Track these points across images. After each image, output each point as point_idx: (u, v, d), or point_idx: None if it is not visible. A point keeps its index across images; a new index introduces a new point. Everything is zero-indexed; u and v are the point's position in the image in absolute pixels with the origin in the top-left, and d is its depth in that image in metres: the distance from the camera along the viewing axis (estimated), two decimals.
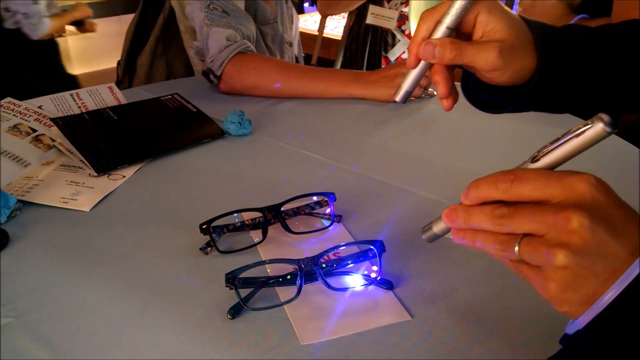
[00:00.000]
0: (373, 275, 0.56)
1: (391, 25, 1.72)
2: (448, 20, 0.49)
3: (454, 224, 0.41)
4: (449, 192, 0.74)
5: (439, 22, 0.49)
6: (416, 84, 0.53)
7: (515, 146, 0.92)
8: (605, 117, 0.36)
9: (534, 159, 0.39)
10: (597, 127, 0.36)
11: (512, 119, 0.60)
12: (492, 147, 0.91)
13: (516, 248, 0.37)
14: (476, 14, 0.49)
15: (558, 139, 0.38)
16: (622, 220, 0.35)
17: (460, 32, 0.50)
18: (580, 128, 0.37)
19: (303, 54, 1.52)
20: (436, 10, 0.50)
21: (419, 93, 1.08)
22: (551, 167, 0.39)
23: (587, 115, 0.39)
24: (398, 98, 0.54)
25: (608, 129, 0.36)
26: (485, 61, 0.48)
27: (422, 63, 0.51)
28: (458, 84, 0.56)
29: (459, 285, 0.57)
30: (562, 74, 0.51)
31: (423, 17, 0.51)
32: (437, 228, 0.44)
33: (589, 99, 0.54)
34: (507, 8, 0.50)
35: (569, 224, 0.35)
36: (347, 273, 0.57)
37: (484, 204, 0.39)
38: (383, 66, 1.72)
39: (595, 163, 0.50)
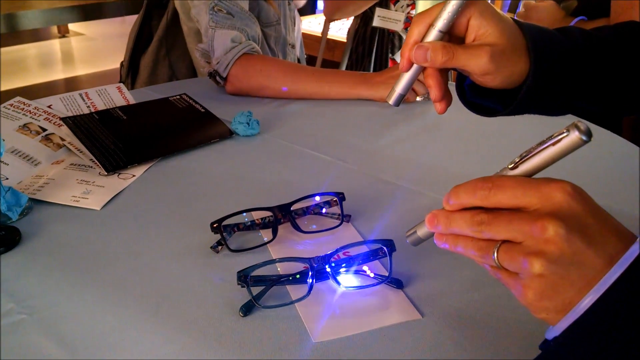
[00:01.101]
0: (383, 274, 0.57)
1: (398, 27, 1.72)
2: (440, 23, 0.49)
3: (435, 229, 0.42)
4: None
5: (431, 26, 0.49)
6: (409, 87, 0.53)
7: (516, 147, 0.92)
8: (582, 125, 0.36)
9: (514, 166, 0.39)
10: (572, 136, 0.36)
11: (522, 121, 0.60)
12: (500, 149, 0.92)
13: (495, 255, 0.38)
14: (468, 17, 0.49)
15: (536, 147, 0.38)
16: (598, 229, 0.36)
17: (453, 36, 0.50)
18: (556, 136, 0.37)
19: (306, 56, 1.52)
20: (428, 14, 0.50)
21: (424, 92, 1.08)
22: (530, 174, 0.39)
23: (585, 117, 0.39)
24: (391, 101, 0.54)
25: (584, 138, 0.36)
26: (476, 65, 0.48)
27: (415, 66, 0.51)
28: (453, 84, 0.56)
29: (470, 285, 0.58)
30: (555, 78, 0.51)
31: (415, 20, 0.51)
32: (421, 232, 0.45)
33: (582, 103, 0.54)
34: (500, 11, 0.50)
35: (545, 233, 0.35)
36: (357, 272, 0.58)
37: (466, 209, 0.40)
38: (390, 67, 1.73)
39: (599, 163, 0.50)
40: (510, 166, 0.39)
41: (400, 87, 0.53)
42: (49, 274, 0.59)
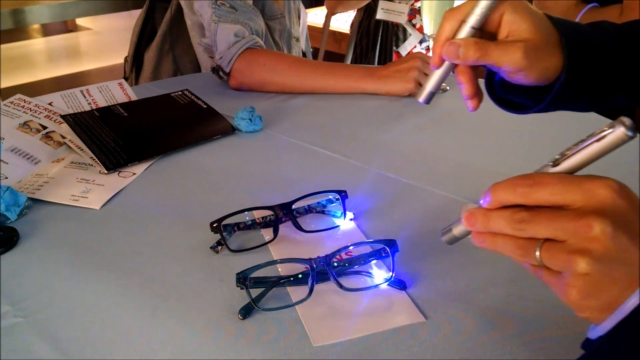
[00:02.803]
0: (386, 275, 0.55)
1: (402, 19, 1.70)
2: (473, 19, 0.48)
3: (473, 228, 0.40)
4: (465, 190, 0.73)
5: (463, 22, 0.49)
6: (440, 84, 0.52)
7: (532, 143, 0.90)
8: (627, 120, 0.35)
9: (555, 163, 0.38)
10: (618, 131, 0.35)
11: (528, 117, 0.59)
12: (508, 144, 0.90)
13: (537, 253, 0.37)
14: (501, 13, 0.48)
15: (579, 143, 0.37)
16: None
17: (484, 32, 0.49)
18: (601, 132, 0.36)
19: (311, 49, 1.50)
20: (460, 10, 0.49)
21: None
22: (572, 172, 0.38)
23: (614, 114, 0.39)
24: (421, 99, 0.53)
25: (629, 133, 0.35)
26: (510, 62, 0.47)
27: (446, 63, 0.51)
28: (481, 81, 0.55)
29: (475, 286, 0.56)
30: (588, 74, 0.50)
31: (447, 16, 0.50)
32: (457, 231, 0.44)
33: (615, 99, 0.53)
34: (532, 6, 0.49)
35: (590, 231, 0.34)
36: (359, 273, 0.56)
37: (504, 207, 0.38)
38: (395, 60, 1.71)
39: (622, 162, 0.49)
40: (551, 163, 0.39)
41: (431, 84, 0.52)
42: (46, 275, 0.58)
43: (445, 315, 0.52)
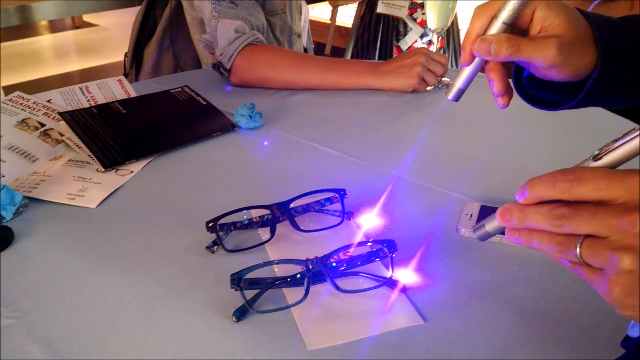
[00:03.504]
0: (385, 276, 0.54)
1: (402, 13, 1.68)
2: (504, 15, 0.47)
3: (508, 224, 0.40)
4: (468, 188, 0.71)
5: (494, 18, 0.48)
6: (470, 81, 0.51)
7: (534, 140, 0.89)
8: None
9: (596, 158, 0.37)
10: None
11: (530, 113, 0.57)
12: (511, 141, 0.88)
13: (577, 250, 0.36)
14: (533, 8, 0.47)
15: (621, 137, 0.37)
16: None
17: (515, 28, 0.49)
18: None
19: (314, 45, 1.49)
20: (490, 6, 0.48)
21: (434, 82, 1.04)
22: (613, 167, 0.37)
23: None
24: (450, 96, 0.53)
25: None
26: (544, 58, 0.47)
27: (477, 60, 0.50)
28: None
29: (475, 288, 0.55)
30: (622, 70, 0.49)
31: (477, 13, 0.49)
32: (490, 227, 0.43)
33: None
34: (565, 1, 0.48)
35: (634, 227, 0.33)
36: (357, 274, 0.55)
37: (541, 203, 0.38)
38: (395, 55, 1.69)
39: None
40: (592, 157, 0.38)
41: (460, 81, 0.52)
42: (40, 275, 0.57)
43: (445, 318, 0.51)
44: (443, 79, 1.07)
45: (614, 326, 0.49)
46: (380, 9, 1.70)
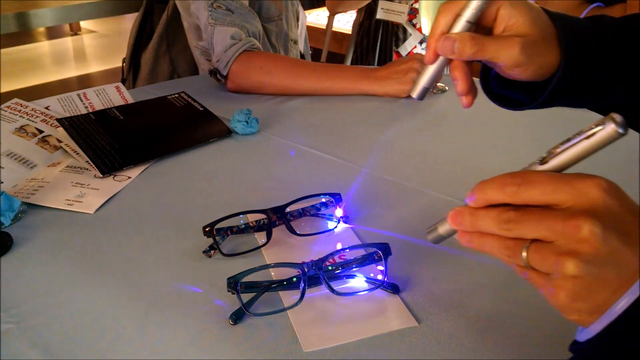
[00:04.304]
0: (379, 279, 0.55)
1: (402, 19, 1.70)
2: (468, 13, 0.47)
3: (460, 227, 0.39)
4: (462, 192, 0.71)
5: (458, 16, 0.47)
6: (434, 80, 0.51)
7: (531, 143, 0.89)
8: (618, 117, 0.34)
9: (543, 161, 0.37)
10: (608, 129, 0.34)
11: (527, 115, 0.58)
12: (506, 145, 0.89)
13: (524, 254, 0.35)
14: (498, 7, 0.47)
15: (568, 140, 0.36)
16: (635, 226, 0.34)
17: (480, 26, 0.48)
18: (590, 129, 0.34)
19: (311, 51, 1.50)
20: (455, 3, 0.48)
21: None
22: (560, 170, 0.37)
23: (609, 111, 0.37)
24: (415, 94, 0.52)
25: (620, 130, 0.33)
26: (507, 57, 0.46)
27: (441, 58, 0.49)
28: (476, 79, 0.54)
29: (468, 290, 0.55)
30: (586, 69, 0.49)
31: (441, 10, 0.48)
32: (443, 229, 0.43)
33: (613, 95, 0.52)
34: (529, 1, 0.48)
35: (579, 232, 0.33)
36: (352, 276, 0.56)
37: (492, 206, 0.37)
38: (393, 60, 1.70)
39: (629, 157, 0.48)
40: (539, 161, 0.37)
41: (425, 79, 0.51)
42: (38, 281, 0.58)
43: (438, 320, 0.51)
44: (438, 84, 1.08)
45: None
46: (380, 15, 1.71)
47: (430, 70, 0.50)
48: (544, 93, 0.49)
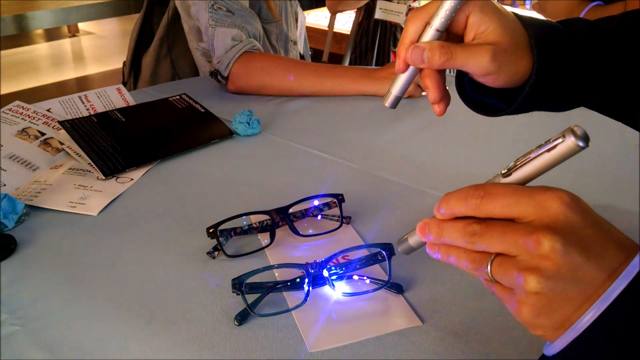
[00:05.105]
0: (383, 279, 0.55)
1: (400, 19, 1.70)
2: (437, 22, 0.45)
3: (427, 239, 0.39)
4: None
5: (427, 24, 0.46)
6: (406, 88, 0.50)
7: (532, 142, 0.90)
8: (578, 129, 0.33)
9: (506, 174, 0.37)
10: (568, 142, 0.33)
11: (527, 117, 0.58)
12: (505, 146, 0.89)
13: (488, 268, 0.35)
14: (467, 14, 0.45)
15: (530, 153, 0.36)
16: (597, 240, 0.33)
17: (451, 33, 0.47)
18: (551, 142, 0.34)
19: (311, 52, 1.50)
20: (425, 11, 0.46)
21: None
22: (524, 182, 0.36)
23: (607, 108, 0.37)
24: (387, 103, 0.51)
25: (580, 144, 0.33)
26: (477, 66, 0.45)
27: (412, 67, 0.48)
28: (452, 76, 0.52)
29: (472, 290, 0.56)
30: (559, 74, 0.47)
31: (411, 18, 0.47)
32: (413, 240, 0.42)
33: (588, 100, 0.52)
34: (500, 6, 0.46)
35: (539, 248, 0.32)
36: (356, 277, 0.56)
37: (461, 217, 0.37)
38: (393, 61, 1.70)
39: (609, 157, 0.48)
40: (503, 172, 0.37)
41: (396, 89, 0.50)
42: (42, 283, 0.58)
43: (443, 319, 0.52)
44: None
45: None
46: (378, 15, 1.72)
47: (401, 80, 0.49)
48: (517, 99, 0.48)
